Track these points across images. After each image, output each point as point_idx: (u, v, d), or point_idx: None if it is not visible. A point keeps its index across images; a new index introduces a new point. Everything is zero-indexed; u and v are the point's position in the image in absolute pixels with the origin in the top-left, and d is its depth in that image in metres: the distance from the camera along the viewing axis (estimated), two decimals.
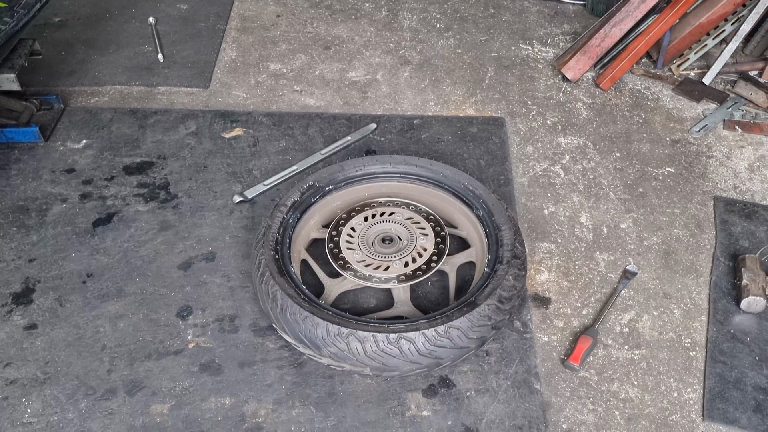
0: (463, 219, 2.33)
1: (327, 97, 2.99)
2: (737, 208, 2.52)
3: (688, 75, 3.12)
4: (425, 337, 1.87)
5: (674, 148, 2.77)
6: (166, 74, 3.08)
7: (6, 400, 1.95)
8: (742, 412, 1.95)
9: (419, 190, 2.38)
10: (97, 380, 2.00)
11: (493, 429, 1.91)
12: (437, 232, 2.24)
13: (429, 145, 2.75)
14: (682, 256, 2.37)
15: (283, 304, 1.95)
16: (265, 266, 2.04)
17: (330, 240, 2.22)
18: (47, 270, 2.28)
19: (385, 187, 2.40)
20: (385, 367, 1.89)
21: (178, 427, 1.90)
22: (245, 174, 2.61)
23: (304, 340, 1.92)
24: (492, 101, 2.98)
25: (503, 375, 2.02)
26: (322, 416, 1.93)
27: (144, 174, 2.61)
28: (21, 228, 2.40)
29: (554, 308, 2.21)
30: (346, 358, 1.89)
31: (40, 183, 2.56)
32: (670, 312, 2.21)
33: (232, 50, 3.24)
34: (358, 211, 2.31)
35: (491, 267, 2.09)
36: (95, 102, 2.94)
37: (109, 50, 3.21)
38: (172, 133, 2.78)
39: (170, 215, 2.46)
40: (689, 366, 2.07)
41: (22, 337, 2.10)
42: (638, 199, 2.56)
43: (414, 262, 2.16)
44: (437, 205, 2.36)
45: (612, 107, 2.96)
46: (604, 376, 2.04)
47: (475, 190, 2.28)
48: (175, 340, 2.10)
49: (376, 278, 2.12)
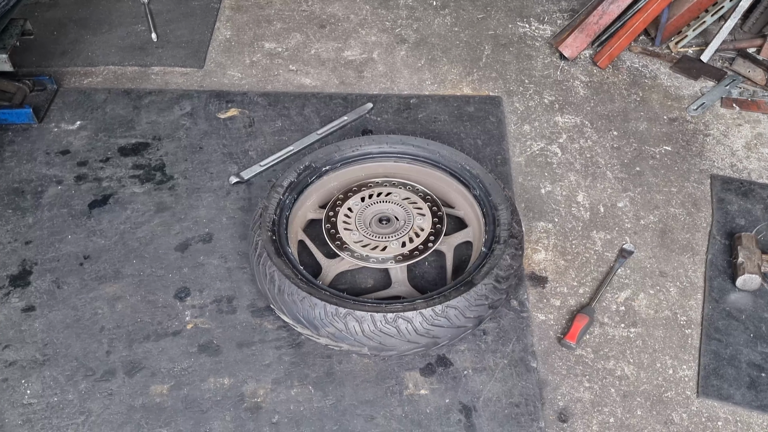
0: (460, 199, 2.33)
1: (323, 77, 2.97)
2: (734, 187, 2.52)
3: (686, 52, 3.11)
4: (423, 317, 1.87)
5: (671, 127, 2.77)
6: (160, 54, 3.06)
7: (6, 381, 1.96)
8: (737, 388, 1.97)
9: (416, 170, 2.38)
10: (96, 361, 2.01)
11: (490, 407, 1.92)
12: (434, 212, 2.24)
13: (426, 125, 2.74)
14: (678, 235, 2.37)
15: (281, 284, 1.95)
16: (262, 247, 2.04)
17: (327, 220, 2.22)
18: (44, 252, 2.28)
19: (382, 167, 2.39)
20: (383, 346, 1.90)
21: (178, 407, 1.91)
22: (241, 155, 2.61)
23: (302, 321, 1.93)
24: (489, 80, 2.96)
25: (500, 354, 2.04)
26: (320, 395, 1.94)
27: (139, 155, 2.60)
28: (17, 210, 2.40)
29: (551, 287, 2.22)
30: (344, 338, 1.90)
31: (35, 165, 2.55)
32: (666, 290, 2.22)
33: (226, 29, 3.21)
34: (355, 191, 2.30)
35: (488, 247, 2.09)
36: (89, 82, 2.92)
37: (101, 30, 3.18)
38: (166, 113, 2.77)
39: (166, 197, 2.46)
40: (684, 343, 2.08)
41: (20, 319, 2.10)
42: (635, 177, 2.56)
43: (411, 242, 2.16)
44: (434, 184, 2.36)
45: (609, 85, 2.95)
46: (600, 354, 2.05)
47: (472, 169, 2.28)
48: (174, 322, 2.10)
49: (374, 258, 2.12)
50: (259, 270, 2.02)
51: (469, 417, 1.90)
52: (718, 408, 1.94)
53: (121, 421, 1.88)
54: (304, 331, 1.96)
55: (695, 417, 1.92)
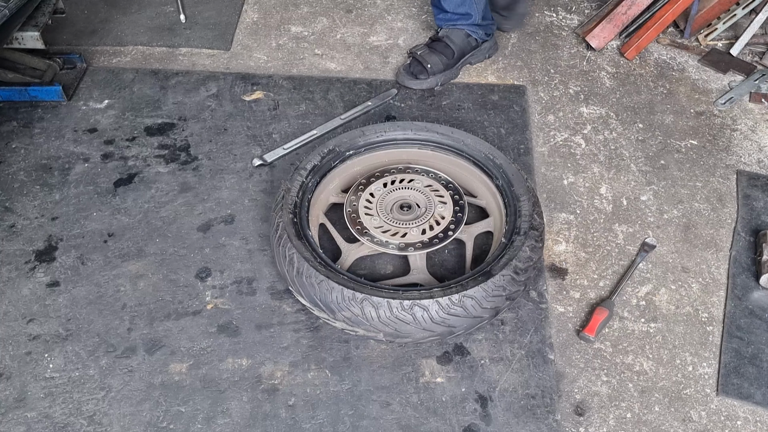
0: (482, 188, 2.32)
1: (348, 62, 2.97)
2: (760, 183, 2.48)
3: (716, 45, 3.06)
4: (439, 305, 1.88)
5: (698, 120, 2.73)
6: (188, 35, 3.07)
7: (29, 354, 2.00)
8: (757, 387, 1.95)
9: (439, 157, 2.37)
10: (117, 338, 2.04)
11: (506, 397, 1.93)
12: (456, 200, 2.23)
13: (449, 112, 2.73)
14: (702, 230, 2.35)
15: (300, 267, 1.96)
16: (283, 229, 2.05)
17: (349, 205, 2.22)
18: (69, 228, 2.31)
19: (406, 153, 2.39)
20: (398, 333, 1.91)
21: (196, 386, 1.94)
22: (265, 137, 2.62)
23: (319, 304, 1.94)
24: (514, 69, 2.94)
25: (518, 344, 2.03)
26: (337, 380, 1.95)
27: (165, 135, 2.62)
28: (44, 186, 2.43)
29: (571, 279, 2.21)
30: (359, 322, 1.91)
31: (63, 142, 2.59)
32: (688, 286, 2.20)
33: (253, 12, 3.22)
34: (377, 177, 2.31)
35: (508, 238, 2.09)
36: (117, 62, 2.94)
37: (131, 10, 3.20)
38: (193, 94, 2.79)
39: (190, 177, 2.48)
40: (705, 340, 2.07)
41: (44, 294, 2.14)
42: (659, 171, 2.54)
43: (431, 229, 2.16)
44: (457, 173, 2.36)
45: (636, 77, 2.92)
46: (619, 349, 2.05)
47: (496, 159, 2.27)
48: (194, 301, 2.13)
49: (393, 244, 2.13)
50: (279, 252, 2.04)
51: (485, 407, 1.91)
52: (737, 407, 1.93)
53: (141, 398, 1.91)
54: (321, 315, 1.97)
55: (714, 415, 1.91)
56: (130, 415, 1.88)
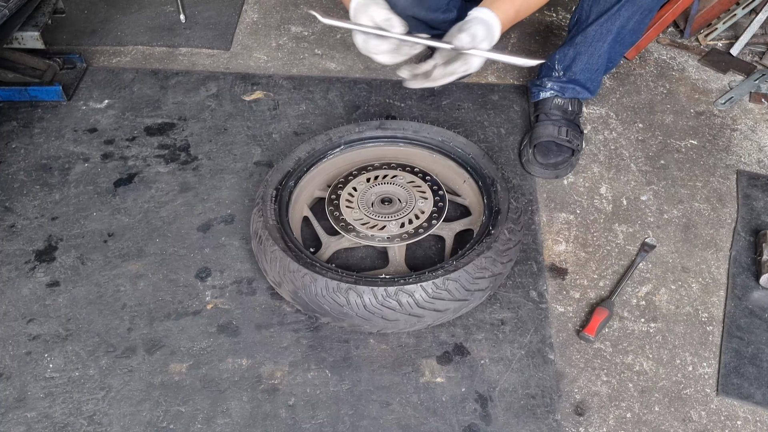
0: (465, 187, 2.35)
1: (348, 62, 2.97)
2: (760, 183, 2.48)
3: (716, 45, 3.06)
4: (423, 290, 1.90)
5: (698, 120, 2.73)
6: (188, 35, 3.07)
7: (29, 354, 2.00)
8: (757, 387, 1.95)
9: (422, 154, 2.42)
10: (117, 338, 2.04)
11: (506, 397, 1.92)
12: (437, 195, 2.26)
13: (449, 112, 2.73)
14: (702, 230, 2.35)
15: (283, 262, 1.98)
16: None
17: (330, 199, 2.24)
18: (69, 228, 2.31)
19: (391, 151, 2.43)
20: (386, 319, 1.93)
21: (196, 386, 1.94)
22: (265, 137, 2.62)
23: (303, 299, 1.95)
24: (514, 68, 2.94)
25: (517, 344, 2.03)
26: (337, 380, 1.95)
27: (165, 135, 2.62)
28: (44, 186, 2.43)
29: (571, 279, 2.21)
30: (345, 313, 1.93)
31: (63, 142, 2.59)
32: (688, 286, 2.20)
33: (253, 12, 3.22)
34: (361, 172, 2.33)
35: (487, 222, 2.13)
36: (117, 62, 2.94)
37: (131, 10, 3.20)
38: (193, 94, 2.79)
39: (190, 177, 2.48)
40: (705, 340, 2.07)
41: (44, 293, 2.14)
42: (659, 171, 2.54)
43: (410, 223, 2.18)
44: (441, 171, 2.40)
45: (636, 77, 2.92)
46: (619, 348, 2.05)
47: (465, 148, 2.33)
48: (194, 301, 2.13)
49: (372, 237, 2.14)
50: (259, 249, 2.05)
51: (485, 407, 1.91)
52: (737, 407, 1.93)
53: (141, 397, 1.91)
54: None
55: (714, 415, 1.91)
56: (130, 415, 1.88)
